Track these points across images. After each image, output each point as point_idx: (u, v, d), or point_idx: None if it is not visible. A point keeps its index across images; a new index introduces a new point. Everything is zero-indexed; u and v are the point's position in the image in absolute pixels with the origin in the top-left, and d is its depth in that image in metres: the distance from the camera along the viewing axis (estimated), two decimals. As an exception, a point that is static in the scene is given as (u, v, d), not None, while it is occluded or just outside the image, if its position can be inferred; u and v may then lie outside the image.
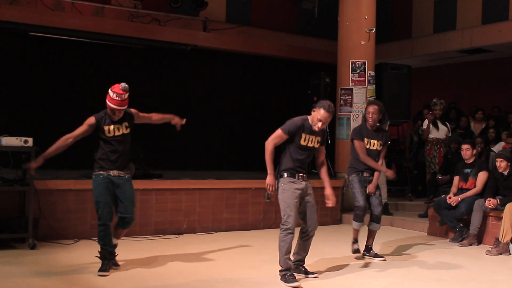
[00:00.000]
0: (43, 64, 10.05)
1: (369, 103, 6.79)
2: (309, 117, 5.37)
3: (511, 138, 9.14)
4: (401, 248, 7.34)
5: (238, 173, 10.06)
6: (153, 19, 10.95)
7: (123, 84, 5.39)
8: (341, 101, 10.04)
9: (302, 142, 5.29)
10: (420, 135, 10.46)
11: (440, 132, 9.74)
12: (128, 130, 5.54)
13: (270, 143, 5.24)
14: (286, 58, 12.46)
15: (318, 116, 5.25)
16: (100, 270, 5.44)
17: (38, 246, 6.50)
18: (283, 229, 5.21)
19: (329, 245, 7.27)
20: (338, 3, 10.32)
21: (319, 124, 5.26)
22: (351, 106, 9.97)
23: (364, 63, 9.99)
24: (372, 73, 10.10)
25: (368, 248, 6.71)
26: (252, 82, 12.35)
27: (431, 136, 9.73)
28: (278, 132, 5.29)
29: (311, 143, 5.36)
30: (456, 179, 8.04)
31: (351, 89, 10.00)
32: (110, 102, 5.38)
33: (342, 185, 9.42)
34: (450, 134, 9.80)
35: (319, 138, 5.42)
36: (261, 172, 10.35)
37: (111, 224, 5.55)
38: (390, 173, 6.73)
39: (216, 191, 8.27)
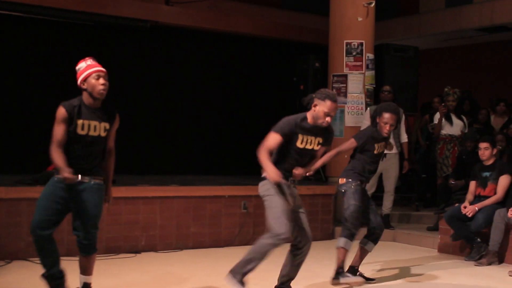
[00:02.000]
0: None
1: (386, 109, 6.35)
2: (308, 114, 5.33)
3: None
4: (406, 268, 7.38)
5: (208, 178, 10.06)
6: (104, -11, 10.91)
7: None
8: (333, 90, 10.05)
9: (300, 145, 5.28)
10: (429, 131, 10.48)
11: (455, 127, 9.63)
12: (105, 134, 5.18)
13: (262, 154, 5.12)
14: (267, 37, 12.46)
15: (324, 109, 5.23)
16: None
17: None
18: (270, 236, 5.06)
19: (320, 265, 7.29)
20: (329, -29, 10.36)
21: (328, 118, 5.26)
22: (345, 96, 10.01)
23: (362, 44, 10.03)
24: (371, 56, 10.16)
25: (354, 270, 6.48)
26: (225, 67, 12.32)
27: (443, 132, 9.62)
28: (271, 136, 5.19)
29: (310, 145, 5.35)
30: (472, 184, 8.10)
31: (346, 76, 10.05)
32: (90, 67, 4.95)
33: (335, 192, 9.40)
34: (466, 130, 9.69)
35: (320, 139, 5.40)
36: (237, 177, 10.24)
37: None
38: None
39: (181, 199, 8.25)
